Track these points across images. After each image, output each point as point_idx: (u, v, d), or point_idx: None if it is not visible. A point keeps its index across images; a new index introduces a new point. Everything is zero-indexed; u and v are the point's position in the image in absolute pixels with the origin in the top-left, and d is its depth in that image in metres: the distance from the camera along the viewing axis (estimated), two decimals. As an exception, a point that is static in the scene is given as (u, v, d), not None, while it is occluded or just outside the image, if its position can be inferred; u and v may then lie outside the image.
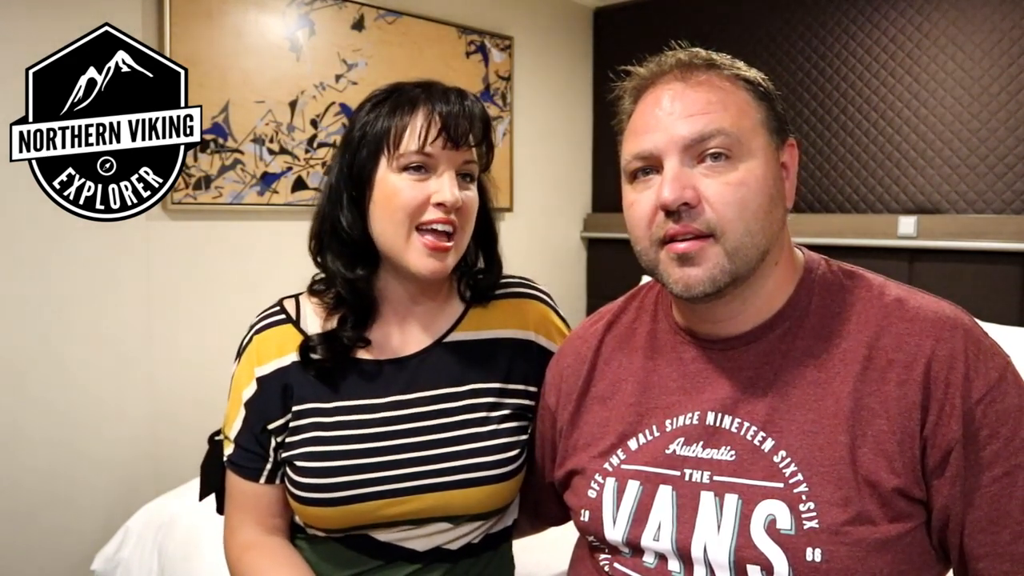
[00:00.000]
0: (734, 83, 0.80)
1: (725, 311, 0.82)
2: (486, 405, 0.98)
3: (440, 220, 0.91)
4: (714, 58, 0.82)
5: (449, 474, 0.93)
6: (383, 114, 0.94)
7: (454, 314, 1.03)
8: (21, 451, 1.94)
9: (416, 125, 0.92)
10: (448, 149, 0.92)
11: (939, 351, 0.74)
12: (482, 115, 0.97)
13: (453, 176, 0.92)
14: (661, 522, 0.79)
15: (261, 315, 1.02)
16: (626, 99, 0.86)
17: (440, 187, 0.91)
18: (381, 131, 0.93)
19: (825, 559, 0.71)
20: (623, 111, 0.86)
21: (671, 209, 0.76)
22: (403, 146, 0.92)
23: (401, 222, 0.92)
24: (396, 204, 0.92)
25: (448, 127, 0.91)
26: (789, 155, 0.84)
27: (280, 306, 1.02)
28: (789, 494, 0.74)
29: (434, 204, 0.91)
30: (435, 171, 0.93)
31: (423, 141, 0.91)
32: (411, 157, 0.92)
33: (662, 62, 0.83)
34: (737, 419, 0.80)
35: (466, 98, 0.96)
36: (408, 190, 0.92)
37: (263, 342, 0.99)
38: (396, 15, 2.64)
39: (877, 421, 0.74)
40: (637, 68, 0.85)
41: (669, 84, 0.81)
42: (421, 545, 0.95)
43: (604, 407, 0.90)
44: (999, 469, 0.72)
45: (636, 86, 0.84)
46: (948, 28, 2.50)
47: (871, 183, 2.69)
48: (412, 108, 0.93)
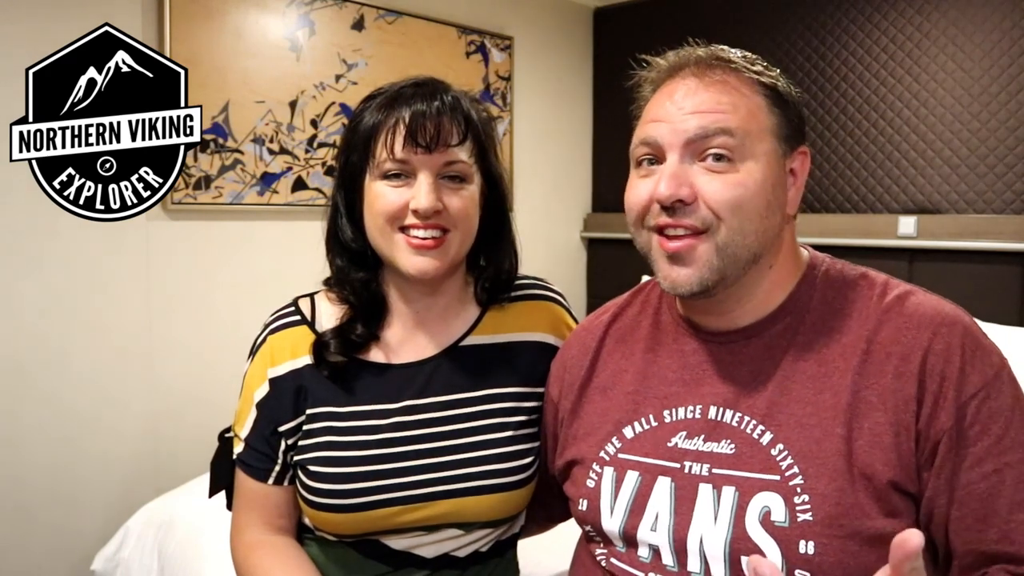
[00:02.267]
0: (751, 87, 0.81)
1: (720, 307, 0.84)
2: (502, 411, 0.97)
3: (418, 226, 0.91)
4: (734, 59, 0.82)
5: (463, 481, 0.92)
6: (364, 120, 0.94)
7: (470, 317, 1.02)
8: (21, 451, 1.94)
9: (386, 131, 0.91)
10: (421, 153, 0.90)
11: (936, 345, 0.74)
12: (463, 113, 0.93)
13: (430, 181, 0.90)
14: (658, 513, 0.80)
15: (276, 314, 1.02)
16: (646, 87, 0.87)
17: (416, 193, 0.90)
18: (362, 138, 0.94)
19: (818, 551, 0.71)
20: (642, 98, 0.87)
21: (665, 204, 0.78)
22: (379, 154, 0.92)
23: (383, 228, 0.92)
24: (376, 211, 0.92)
25: (414, 132, 0.89)
26: (799, 163, 0.84)
27: (295, 306, 1.01)
28: (785, 486, 0.74)
29: (411, 211, 0.90)
30: (414, 175, 0.91)
31: (391, 147, 0.90)
32: (386, 164, 0.91)
33: (682, 56, 0.84)
34: (738, 413, 0.80)
35: (442, 98, 0.93)
36: (386, 197, 0.91)
37: (277, 343, 0.98)
38: (396, 15, 2.64)
39: (874, 414, 0.74)
40: (657, 60, 0.86)
41: (685, 79, 0.82)
42: (430, 552, 0.94)
43: (604, 397, 0.91)
44: (988, 467, 0.72)
45: (655, 77, 0.86)
46: (948, 28, 2.50)
47: (871, 183, 2.69)
48: (386, 113, 0.92)
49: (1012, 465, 0.72)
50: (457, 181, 0.93)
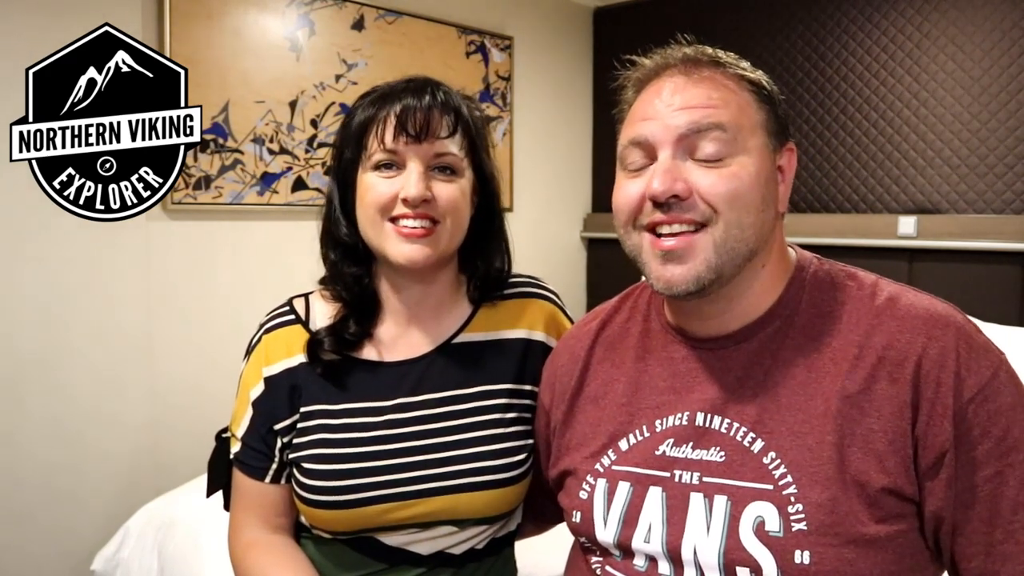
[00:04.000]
0: (738, 83, 0.80)
1: (711, 309, 0.82)
2: (495, 407, 0.97)
3: (407, 215, 0.92)
4: (720, 56, 0.82)
5: (457, 477, 0.93)
6: (357, 117, 0.96)
7: (463, 315, 1.03)
8: (21, 451, 1.94)
9: (377, 124, 0.93)
10: (411, 144, 0.92)
11: (930, 349, 0.73)
12: (453, 107, 0.95)
13: (419, 171, 0.92)
14: (651, 524, 0.79)
15: (271, 314, 1.03)
16: (629, 89, 0.86)
17: (405, 182, 0.92)
18: (355, 134, 0.96)
19: (813, 561, 0.70)
20: (625, 101, 0.86)
21: (660, 201, 0.76)
22: (370, 146, 0.94)
23: (373, 218, 0.94)
24: (367, 201, 0.94)
25: (405, 122, 0.91)
26: (787, 159, 0.83)
27: (290, 306, 1.03)
28: (778, 496, 0.73)
29: (401, 199, 0.92)
30: (405, 166, 0.93)
31: (382, 138, 0.92)
32: (378, 155, 0.93)
33: (668, 55, 0.83)
34: (727, 420, 0.79)
35: (433, 92, 0.95)
36: (376, 188, 0.93)
37: (272, 342, 0.99)
38: (396, 15, 2.64)
39: (867, 420, 0.73)
40: (642, 59, 0.85)
41: (672, 77, 0.81)
42: (425, 549, 0.94)
43: (596, 407, 0.90)
44: (991, 469, 0.71)
45: (640, 77, 0.85)
46: (948, 28, 2.50)
47: (871, 183, 2.69)
48: (378, 108, 0.94)
49: (1015, 466, 0.71)
50: (447, 173, 0.95)
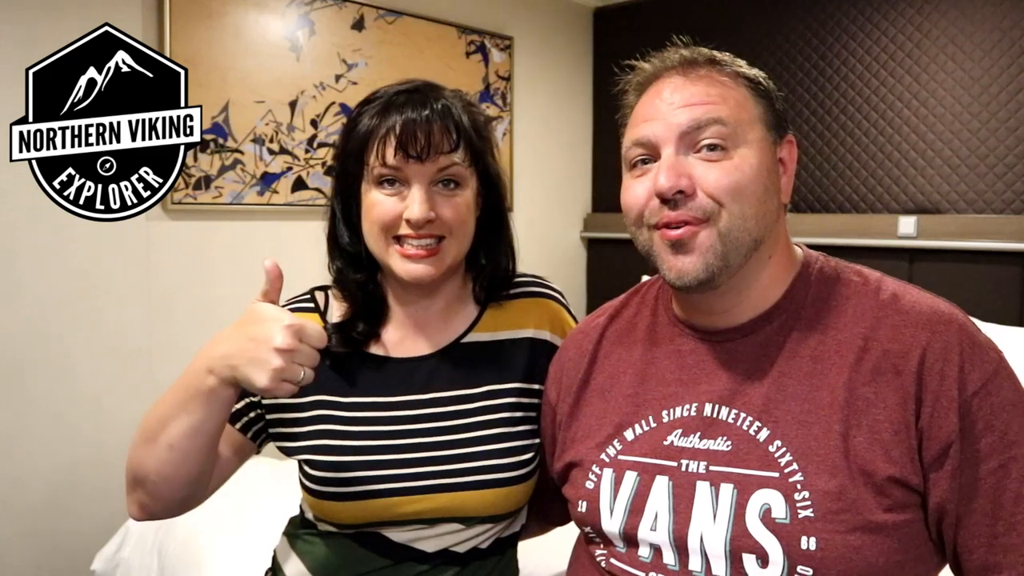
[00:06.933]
0: (735, 79, 0.83)
1: (721, 303, 0.84)
2: (502, 406, 0.98)
3: (412, 236, 0.92)
4: (715, 55, 0.85)
5: (463, 475, 0.93)
6: (358, 128, 0.95)
7: (470, 316, 1.03)
8: (21, 450, 1.94)
9: (377, 140, 0.92)
10: (413, 163, 0.91)
11: (934, 344, 0.75)
12: (454, 120, 0.93)
13: (423, 190, 0.91)
14: (658, 512, 0.80)
15: (293, 298, 1.04)
16: (630, 93, 0.88)
17: (409, 203, 0.91)
18: (356, 146, 0.94)
19: (820, 547, 0.71)
20: (627, 104, 0.88)
21: (666, 197, 0.78)
22: (371, 161, 0.93)
23: (378, 235, 0.93)
24: (371, 219, 0.94)
25: (404, 143, 0.89)
26: (787, 151, 0.86)
27: (311, 295, 1.04)
28: (784, 483, 0.75)
29: (404, 220, 0.91)
30: (408, 183, 0.92)
31: (383, 156, 0.91)
32: (380, 171, 0.92)
33: (665, 58, 0.86)
34: (734, 410, 0.81)
35: (432, 105, 0.92)
36: (381, 207, 0.92)
37: None
38: (396, 15, 2.64)
39: (872, 411, 0.75)
40: (641, 63, 0.88)
41: (671, 78, 0.83)
42: (431, 546, 0.95)
43: (602, 399, 0.91)
44: (994, 462, 0.73)
45: (640, 80, 0.87)
46: (948, 28, 2.50)
47: (871, 183, 2.69)
48: (377, 122, 0.92)
49: (1017, 459, 0.72)
50: (452, 186, 0.94)
